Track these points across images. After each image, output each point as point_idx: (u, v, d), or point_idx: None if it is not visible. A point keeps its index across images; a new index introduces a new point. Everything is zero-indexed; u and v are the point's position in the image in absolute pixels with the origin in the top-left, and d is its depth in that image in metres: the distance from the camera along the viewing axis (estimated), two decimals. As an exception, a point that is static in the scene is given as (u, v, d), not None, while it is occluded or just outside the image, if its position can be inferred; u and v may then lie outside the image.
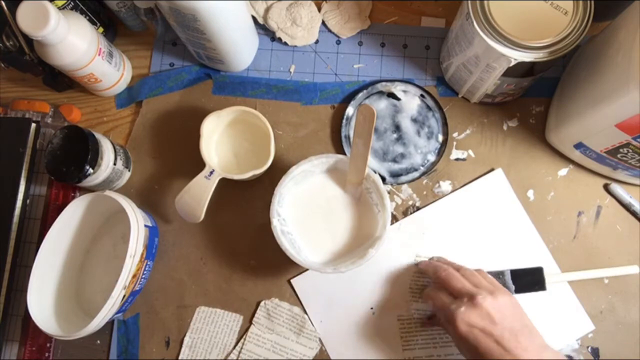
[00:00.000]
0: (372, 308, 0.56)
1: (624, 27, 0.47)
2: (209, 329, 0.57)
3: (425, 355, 0.55)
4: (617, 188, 0.58)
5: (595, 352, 0.55)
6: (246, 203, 0.59)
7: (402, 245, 0.57)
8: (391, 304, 0.56)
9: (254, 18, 0.62)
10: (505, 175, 0.58)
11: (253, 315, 0.57)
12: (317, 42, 0.63)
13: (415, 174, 0.59)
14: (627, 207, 0.58)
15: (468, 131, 0.60)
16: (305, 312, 0.57)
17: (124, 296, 0.50)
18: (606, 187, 0.58)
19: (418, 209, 0.58)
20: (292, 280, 0.57)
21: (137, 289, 0.54)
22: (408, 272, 0.57)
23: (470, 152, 0.60)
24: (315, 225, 0.55)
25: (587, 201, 0.58)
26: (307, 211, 0.55)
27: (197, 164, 0.55)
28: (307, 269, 0.57)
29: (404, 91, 0.60)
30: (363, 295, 0.57)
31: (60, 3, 0.55)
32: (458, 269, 0.52)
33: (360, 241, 0.54)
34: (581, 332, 0.55)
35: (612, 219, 0.58)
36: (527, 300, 0.56)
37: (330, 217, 0.55)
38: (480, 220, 0.58)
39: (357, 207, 0.55)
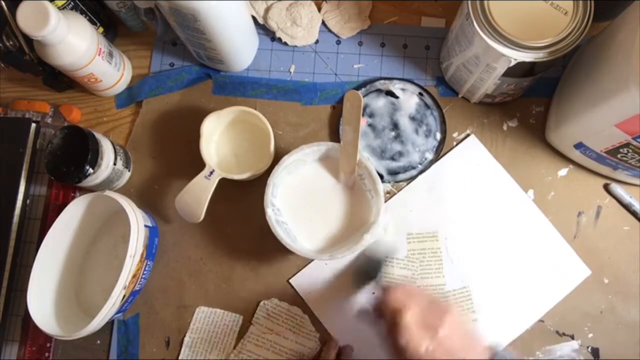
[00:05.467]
0: (373, 293, 0.57)
1: (624, 27, 0.47)
2: (209, 329, 0.57)
3: None
4: (617, 188, 0.58)
5: (595, 352, 0.55)
6: (246, 203, 0.59)
7: (393, 226, 0.58)
8: (392, 285, 0.57)
9: (254, 18, 0.62)
10: (479, 140, 0.59)
11: (253, 315, 0.57)
12: (317, 42, 0.63)
13: (413, 172, 0.59)
14: (627, 207, 0.58)
15: (468, 131, 0.60)
16: (310, 310, 0.57)
17: (124, 296, 0.50)
18: (606, 187, 0.58)
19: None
20: (291, 280, 0.57)
21: (137, 289, 0.54)
22: (402, 251, 0.57)
23: (470, 152, 0.60)
24: (310, 213, 0.55)
25: (587, 201, 0.58)
26: (301, 200, 0.55)
27: (197, 164, 0.55)
28: (304, 267, 0.57)
29: (402, 89, 0.60)
30: None
31: (60, 3, 0.55)
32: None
33: (355, 227, 0.54)
34: (578, 279, 0.56)
35: (612, 219, 0.58)
36: (519, 258, 0.57)
37: (324, 205, 0.55)
38: (461, 186, 0.59)
39: (351, 194, 0.56)
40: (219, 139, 0.59)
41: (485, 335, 0.44)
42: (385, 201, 0.58)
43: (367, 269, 0.54)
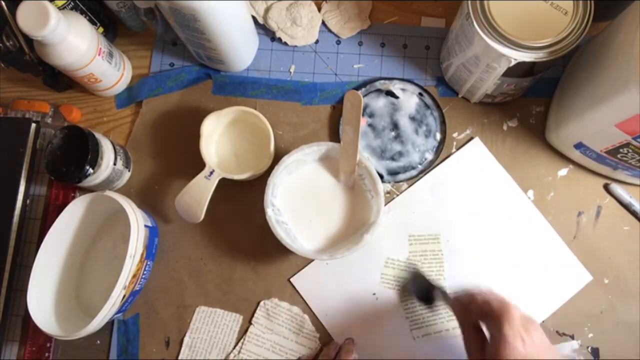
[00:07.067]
0: (374, 294, 0.57)
1: (624, 27, 0.47)
2: (209, 329, 0.57)
3: (434, 332, 0.56)
4: (617, 188, 0.58)
5: (595, 352, 0.55)
6: (246, 203, 0.59)
7: (394, 227, 0.58)
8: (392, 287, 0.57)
9: (254, 18, 0.62)
10: (483, 143, 0.59)
11: (253, 315, 0.57)
12: (317, 42, 0.63)
13: (413, 172, 0.59)
14: (627, 207, 0.58)
15: (468, 131, 0.60)
16: (311, 310, 0.57)
17: (124, 296, 0.50)
18: (606, 187, 0.58)
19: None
20: (291, 279, 0.57)
21: (137, 289, 0.54)
22: (403, 253, 0.57)
23: (470, 152, 0.60)
24: (310, 214, 0.55)
25: (587, 201, 0.58)
26: (301, 200, 0.55)
27: (197, 164, 0.55)
28: (304, 266, 0.57)
29: (402, 89, 0.60)
30: (363, 283, 0.57)
31: (60, 3, 0.55)
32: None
33: (355, 227, 0.55)
34: (579, 285, 0.56)
35: (612, 219, 0.58)
36: (520, 262, 0.57)
37: (324, 205, 0.55)
38: (463, 188, 0.59)
39: (351, 194, 0.56)
40: (219, 139, 0.59)
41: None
42: (387, 202, 0.58)
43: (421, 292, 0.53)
